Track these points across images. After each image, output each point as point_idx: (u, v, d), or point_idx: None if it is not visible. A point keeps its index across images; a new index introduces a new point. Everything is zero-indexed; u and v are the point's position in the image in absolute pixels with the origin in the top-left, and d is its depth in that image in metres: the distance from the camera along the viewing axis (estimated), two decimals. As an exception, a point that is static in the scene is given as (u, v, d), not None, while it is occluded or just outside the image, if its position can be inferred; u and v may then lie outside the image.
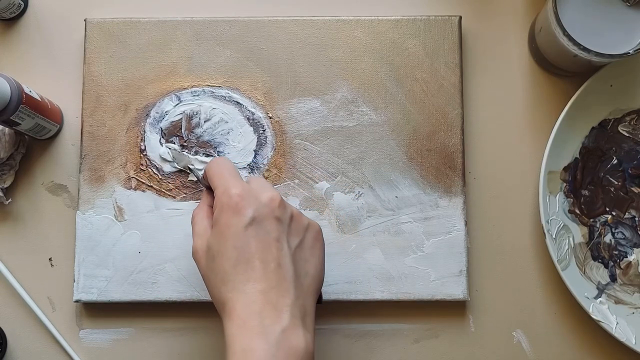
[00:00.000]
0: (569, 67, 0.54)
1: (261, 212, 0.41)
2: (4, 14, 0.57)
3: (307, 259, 0.43)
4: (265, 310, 0.39)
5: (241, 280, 0.40)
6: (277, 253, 0.41)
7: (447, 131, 0.55)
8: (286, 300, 0.40)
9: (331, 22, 0.56)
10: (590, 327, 0.54)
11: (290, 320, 0.39)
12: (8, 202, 0.55)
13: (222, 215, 0.42)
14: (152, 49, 0.56)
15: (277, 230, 0.42)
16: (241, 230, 0.41)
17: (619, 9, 0.50)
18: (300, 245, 0.43)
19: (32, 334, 0.55)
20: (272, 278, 0.40)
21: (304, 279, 0.42)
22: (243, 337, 0.39)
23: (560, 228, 0.54)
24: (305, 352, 0.39)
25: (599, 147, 0.55)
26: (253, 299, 0.40)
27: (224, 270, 0.41)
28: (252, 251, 0.40)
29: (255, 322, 0.39)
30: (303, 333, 0.40)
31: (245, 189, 0.42)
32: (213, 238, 0.42)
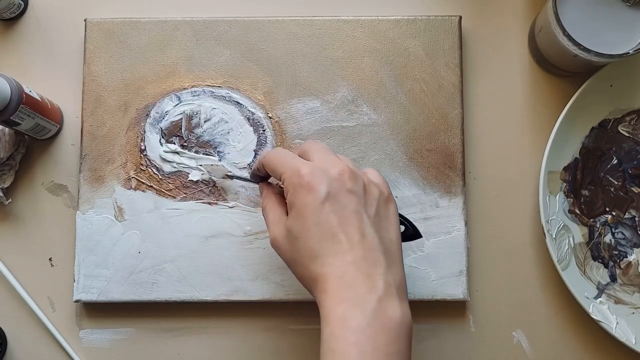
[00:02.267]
0: (569, 67, 0.54)
1: (334, 187, 0.41)
2: (4, 14, 0.57)
3: (386, 226, 0.42)
4: (358, 280, 0.39)
5: (329, 254, 0.40)
6: (358, 224, 0.40)
7: (447, 131, 0.55)
8: (378, 269, 0.40)
9: (331, 22, 0.56)
10: (590, 327, 0.54)
11: (385, 289, 0.39)
12: (8, 202, 0.55)
13: (296, 197, 0.41)
14: (152, 49, 0.56)
15: (354, 202, 0.41)
16: (319, 206, 0.40)
17: (619, 9, 0.50)
18: (377, 214, 0.42)
19: (32, 334, 0.55)
20: (360, 248, 0.40)
21: (390, 246, 0.42)
22: (338, 307, 0.39)
23: (560, 228, 0.54)
24: (402, 322, 0.39)
25: (599, 147, 0.55)
26: (345, 270, 0.39)
27: (311, 247, 0.40)
28: (334, 225, 0.40)
29: (349, 292, 0.39)
30: (399, 302, 0.39)
31: (313, 167, 0.42)
32: (292, 220, 0.42)
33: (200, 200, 0.54)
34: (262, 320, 0.55)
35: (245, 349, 0.55)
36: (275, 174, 0.44)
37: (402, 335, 0.39)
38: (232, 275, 0.53)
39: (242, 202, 0.54)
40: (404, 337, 0.39)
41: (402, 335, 0.39)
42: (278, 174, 0.44)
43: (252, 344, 0.55)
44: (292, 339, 0.55)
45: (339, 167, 0.42)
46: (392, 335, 0.38)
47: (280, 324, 0.55)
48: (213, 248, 0.54)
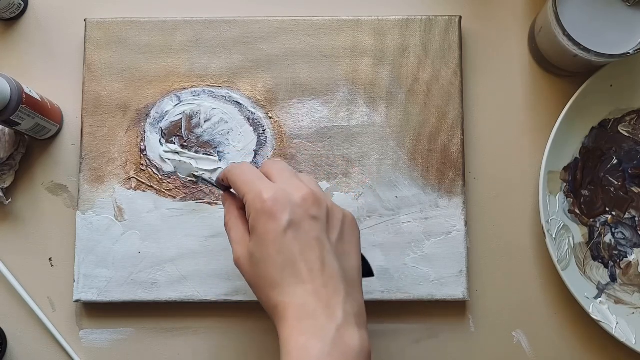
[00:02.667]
0: (569, 67, 0.54)
1: (297, 214, 0.41)
2: (4, 14, 0.57)
3: (348, 252, 0.42)
4: (317, 310, 0.39)
5: (290, 284, 0.40)
6: (319, 252, 0.40)
7: (447, 131, 0.55)
8: (338, 298, 0.40)
9: (331, 22, 0.56)
10: (590, 327, 0.54)
11: (343, 318, 0.39)
12: (8, 202, 0.55)
13: (258, 222, 0.41)
14: (152, 49, 0.56)
15: (316, 229, 0.41)
16: (280, 234, 0.40)
17: (619, 9, 0.50)
18: (341, 239, 0.42)
19: (32, 334, 0.55)
20: (320, 277, 0.40)
21: (350, 272, 0.42)
22: (297, 337, 0.39)
23: (560, 228, 0.54)
24: (361, 350, 0.39)
25: (599, 147, 0.55)
26: (305, 301, 0.39)
27: (271, 276, 0.40)
28: (296, 254, 0.40)
29: (309, 322, 0.39)
30: (358, 331, 0.39)
31: (276, 191, 0.41)
32: (254, 245, 0.41)
33: (200, 200, 0.54)
34: (262, 320, 0.55)
35: (245, 349, 0.55)
36: (238, 192, 0.44)
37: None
38: (232, 275, 0.53)
39: (242, 202, 0.54)
40: None
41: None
42: (241, 193, 0.43)
43: (252, 344, 0.55)
44: (292, 339, 0.55)
45: (302, 192, 0.42)
46: None
47: (280, 324, 0.55)
48: (213, 248, 0.54)
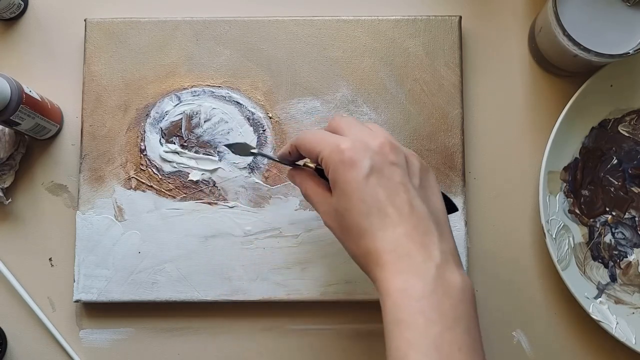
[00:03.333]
0: (569, 67, 0.54)
1: (376, 160, 0.39)
2: (4, 14, 0.57)
3: (430, 196, 0.41)
4: (413, 251, 0.38)
5: (379, 229, 0.39)
6: (405, 196, 0.39)
7: (447, 131, 0.55)
8: (432, 238, 0.38)
9: (331, 22, 0.56)
10: (590, 327, 0.54)
11: (441, 257, 0.38)
12: (8, 202, 0.55)
13: (338, 173, 0.40)
14: (152, 49, 0.56)
15: (398, 173, 0.40)
16: (363, 181, 0.39)
17: (619, 9, 0.50)
18: (422, 184, 0.41)
19: (32, 334, 0.55)
20: (410, 220, 0.39)
21: (438, 215, 0.41)
22: (397, 278, 0.37)
23: (560, 228, 0.54)
24: (464, 288, 0.38)
25: (599, 147, 0.55)
26: (398, 243, 0.38)
27: (358, 224, 0.39)
28: (382, 199, 0.39)
29: (406, 263, 0.38)
30: (457, 269, 0.38)
31: (353, 141, 0.40)
32: (337, 199, 0.40)
33: (200, 200, 0.54)
34: (262, 320, 0.55)
35: (245, 349, 0.55)
36: (312, 153, 0.42)
37: (466, 299, 0.38)
38: (232, 275, 0.53)
39: (242, 202, 0.54)
40: (468, 301, 0.38)
41: (466, 299, 0.38)
42: (315, 153, 0.42)
43: (252, 344, 0.55)
44: (292, 339, 0.55)
45: (379, 139, 0.41)
46: (456, 300, 0.37)
47: (280, 324, 0.55)
48: (213, 248, 0.54)
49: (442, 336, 0.36)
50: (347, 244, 0.41)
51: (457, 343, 0.36)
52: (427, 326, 0.36)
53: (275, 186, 0.54)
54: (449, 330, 0.36)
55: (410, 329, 0.36)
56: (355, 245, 0.40)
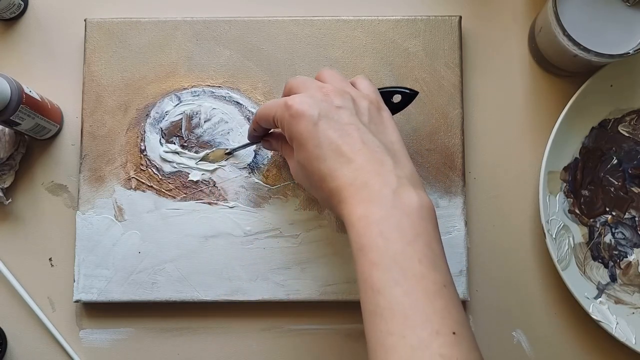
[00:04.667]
0: (569, 67, 0.54)
1: (322, 107, 0.42)
2: (4, 14, 0.57)
3: (383, 130, 0.43)
4: (369, 180, 0.40)
5: (337, 168, 0.41)
6: (356, 133, 0.41)
7: (447, 131, 0.55)
8: (386, 167, 0.40)
9: (331, 22, 0.56)
10: (590, 327, 0.54)
11: (397, 181, 0.40)
12: (8, 202, 0.55)
13: (291, 128, 0.42)
14: (152, 49, 0.56)
15: (346, 114, 0.42)
16: (313, 128, 0.41)
17: (619, 9, 0.50)
18: (372, 120, 0.43)
19: (32, 334, 0.55)
20: (363, 154, 0.40)
21: (392, 146, 0.43)
22: (356, 209, 0.39)
23: (560, 228, 0.54)
24: (421, 206, 0.39)
25: (599, 147, 0.55)
26: (355, 176, 0.40)
27: (318, 169, 0.41)
28: (334, 140, 0.41)
29: (364, 193, 0.39)
30: (414, 190, 0.40)
31: (299, 96, 0.43)
32: (297, 152, 0.43)
33: (200, 200, 0.54)
34: (262, 320, 0.55)
35: (245, 349, 0.55)
36: (269, 120, 0.45)
37: (424, 216, 0.39)
38: (232, 275, 0.53)
39: (242, 202, 0.54)
40: (427, 218, 0.39)
41: (424, 216, 0.39)
42: (270, 119, 0.45)
43: (252, 344, 0.55)
44: (292, 339, 0.55)
45: (323, 89, 0.43)
46: (414, 218, 0.39)
47: (280, 324, 0.55)
48: (213, 248, 0.54)
49: (402, 252, 0.38)
50: (315, 191, 0.44)
51: (417, 255, 0.38)
52: (387, 245, 0.38)
53: (275, 186, 0.54)
54: (409, 245, 0.38)
55: (372, 251, 0.38)
56: (320, 189, 0.42)
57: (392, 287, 0.37)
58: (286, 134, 0.43)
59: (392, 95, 0.48)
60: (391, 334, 0.36)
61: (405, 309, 0.36)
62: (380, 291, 0.37)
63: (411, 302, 0.37)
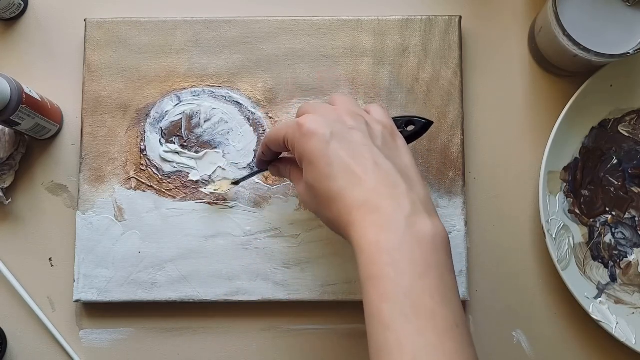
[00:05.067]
0: (569, 67, 0.54)
1: (336, 127, 0.41)
2: (4, 14, 0.57)
3: (397, 153, 0.42)
4: (382, 203, 0.38)
5: (347, 188, 0.39)
6: (369, 155, 0.40)
7: (447, 131, 0.55)
8: (400, 190, 0.39)
9: (331, 22, 0.56)
10: (590, 327, 0.54)
11: (410, 207, 0.38)
12: (8, 202, 0.55)
13: (302, 147, 0.41)
14: (152, 49, 0.56)
15: (359, 136, 0.41)
16: (325, 148, 0.40)
17: (619, 9, 0.50)
18: (385, 144, 0.42)
19: (32, 334, 0.55)
20: (376, 176, 0.39)
21: (406, 170, 0.41)
22: (367, 233, 0.38)
23: (560, 228, 0.54)
24: (435, 235, 0.38)
25: (599, 147, 0.55)
26: (366, 199, 0.38)
27: (328, 189, 0.40)
28: (346, 160, 0.39)
29: (375, 217, 0.38)
30: (428, 217, 0.38)
31: (311, 116, 0.41)
32: (306, 172, 0.41)
33: (200, 200, 0.54)
34: (262, 320, 0.55)
35: (245, 349, 0.55)
36: (279, 143, 0.44)
37: (438, 246, 0.38)
38: (232, 275, 0.53)
39: (242, 202, 0.54)
40: (441, 248, 0.38)
41: (438, 246, 0.38)
42: (281, 140, 0.43)
43: (252, 344, 0.55)
44: (292, 339, 0.55)
45: (337, 111, 0.42)
46: (427, 248, 0.37)
47: (280, 324, 0.55)
48: (213, 248, 0.54)
49: (413, 285, 0.36)
50: (322, 212, 0.42)
51: (429, 290, 0.36)
52: (398, 277, 0.36)
53: (275, 186, 0.54)
54: (420, 279, 0.36)
55: (382, 282, 0.36)
56: (328, 210, 0.40)
57: (402, 324, 0.35)
58: (296, 154, 0.42)
59: (406, 125, 0.46)
60: None
61: (415, 349, 0.35)
62: (389, 327, 0.36)
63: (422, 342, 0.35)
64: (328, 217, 0.41)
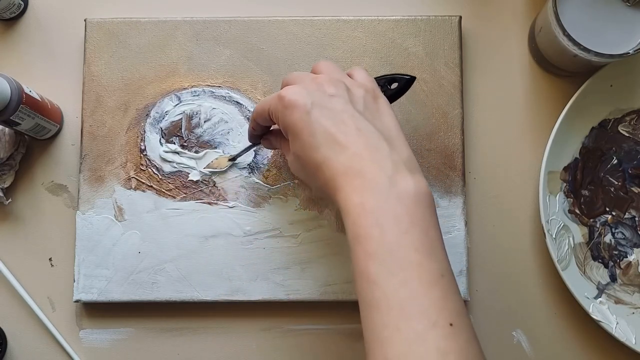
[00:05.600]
0: (569, 67, 0.54)
1: (315, 96, 0.41)
2: (4, 14, 0.57)
3: (380, 117, 0.43)
4: (364, 167, 0.39)
5: (331, 156, 0.40)
6: (351, 121, 0.40)
7: (447, 131, 0.55)
8: (382, 152, 0.39)
9: (331, 22, 0.56)
10: (590, 327, 0.54)
11: (392, 167, 0.39)
12: (8, 202, 0.55)
13: (285, 119, 0.42)
14: (152, 49, 0.56)
15: (340, 103, 0.41)
16: (306, 117, 0.40)
17: (619, 9, 0.50)
18: (367, 108, 0.42)
19: (32, 334, 0.55)
20: (358, 141, 0.40)
21: (388, 132, 0.42)
22: (352, 197, 0.38)
23: (560, 228, 0.54)
24: (417, 192, 0.38)
25: (599, 147, 0.55)
26: (350, 164, 0.39)
27: (314, 158, 0.41)
28: (328, 128, 0.40)
29: (359, 180, 0.39)
30: (410, 175, 0.39)
31: (292, 87, 0.42)
32: (292, 144, 0.42)
33: (200, 200, 0.54)
34: (262, 320, 0.55)
35: (245, 349, 0.55)
36: (265, 116, 0.45)
37: (421, 203, 0.38)
38: (232, 275, 0.53)
39: (242, 202, 0.54)
40: (424, 204, 0.38)
41: (421, 203, 0.38)
42: (266, 113, 0.44)
43: (252, 344, 0.55)
44: (292, 339, 0.55)
45: (316, 80, 0.43)
46: (410, 205, 0.38)
47: (280, 324, 0.55)
48: (213, 248, 0.54)
49: (397, 241, 0.37)
50: (311, 181, 0.42)
51: (413, 245, 0.37)
52: (383, 235, 0.37)
53: (275, 186, 0.54)
54: (405, 235, 0.37)
55: (368, 241, 0.37)
56: (316, 179, 0.41)
57: (387, 278, 0.36)
58: (281, 126, 0.43)
59: (390, 83, 0.47)
60: (387, 327, 0.36)
61: (401, 300, 0.36)
62: (376, 282, 0.37)
63: (407, 293, 0.36)
64: (317, 184, 0.42)
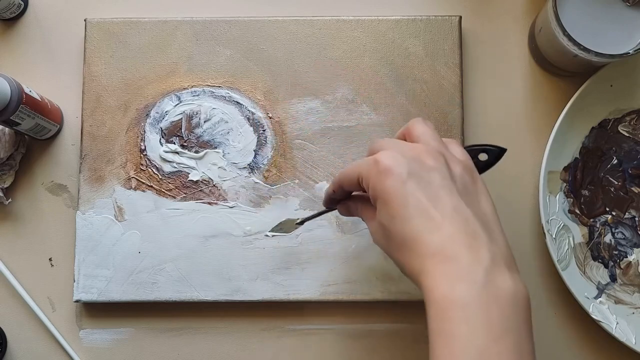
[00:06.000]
0: (569, 67, 0.54)
1: (413, 166, 0.38)
2: (4, 14, 0.57)
3: (478, 199, 0.39)
4: (459, 253, 0.35)
5: (423, 233, 0.36)
6: (448, 199, 0.37)
7: (447, 131, 0.55)
8: (479, 241, 0.36)
9: (331, 22, 0.56)
10: (590, 327, 0.54)
11: (491, 260, 0.35)
12: (8, 202, 0.55)
13: (377, 185, 0.38)
14: (152, 49, 0.56)
15: (438, 177, 0.38)
16: (401, 187, 0.37)
17: (619, 9, 0.50)
18: (465, 189, 0.39)
19: (32, 334, 0.55)
20: (455, 222, 0.36)
21: (486, 218, 0.38)
22: (441, 284, 0.34)
23: (560, 228, 0.54)
24: (515, 294, 0.35)
25: (599, 147, 0.55)
26: (443, 246, 0.35)
27: (402, 231, 0.37)
28: (423, 202, 0.36)
29: (451, 267, 0.35)
30: (509, 274, 0.35)
31: (389, 153, 0.39)
32: (380, 212, 0.38)
33: (200, 200, 0.54)
34: (262, 320, 0.55)
35: (245, 349, 0.55)
36: (353, 180, 0.41)
37: (519, 308, 0.35)
38: (232, 275, 0.53)
39: (242, 202, 0.54)
40: (521, 311, 0.35)
41: (519, 308, 0.35)
42: (355, 178, 0.41)
43: (252, 344, 0.55)
44: (292, 339, 0.55)
45: (416, 148, 0.39)
46: (506, 309, 0.34)
47: (280, 324, 0.55)
48: (213, 248, 0.54)
49: (487, 349, 0.33)
50: (395, 255, 0.39)
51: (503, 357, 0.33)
52: (471, 337, 0.33)
53: (275, 186, 0.54)
54: (495, 343, 0.33)
55: (454, 340, 0.34)
56: (401, 254, 0.38)
57: None
58: (370, 192, 0.39)
59: (478, 154, 0.44)
60: None
61: None
62: None
63: None
64: (400, 260, 0.38)
